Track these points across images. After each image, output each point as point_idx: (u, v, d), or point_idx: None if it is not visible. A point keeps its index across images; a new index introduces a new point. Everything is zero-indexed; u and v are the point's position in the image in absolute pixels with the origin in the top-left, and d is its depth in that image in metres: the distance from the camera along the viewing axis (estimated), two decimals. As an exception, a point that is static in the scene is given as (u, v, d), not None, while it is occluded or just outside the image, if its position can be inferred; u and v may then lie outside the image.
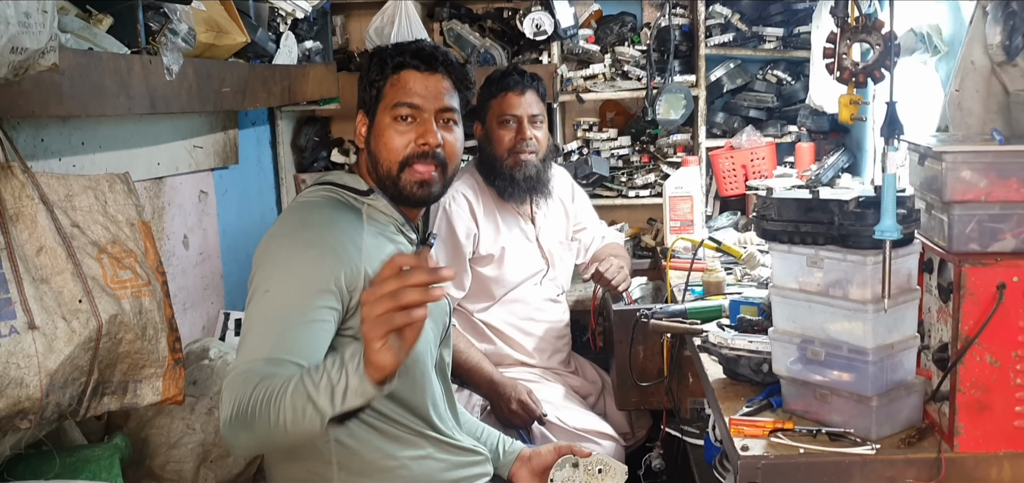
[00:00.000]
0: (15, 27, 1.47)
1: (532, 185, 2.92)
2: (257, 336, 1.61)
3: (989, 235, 1.68)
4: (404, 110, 1.86)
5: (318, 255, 1.69)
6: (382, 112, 1.88)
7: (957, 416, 1.68)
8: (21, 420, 1.61)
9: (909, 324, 1.78)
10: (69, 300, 1.66)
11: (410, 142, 1.86)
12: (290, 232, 1.76)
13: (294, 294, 1.65)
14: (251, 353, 1.58)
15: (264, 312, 1.64)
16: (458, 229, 2.86)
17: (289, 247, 1.72)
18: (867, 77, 1.90)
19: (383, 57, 1.91)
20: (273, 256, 1.72)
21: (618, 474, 2.01)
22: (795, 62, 3.78)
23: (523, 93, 2.89)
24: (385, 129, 1.87)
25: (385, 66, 1.90)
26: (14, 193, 1.66)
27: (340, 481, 1.82)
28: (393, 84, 1.88)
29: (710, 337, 2.14)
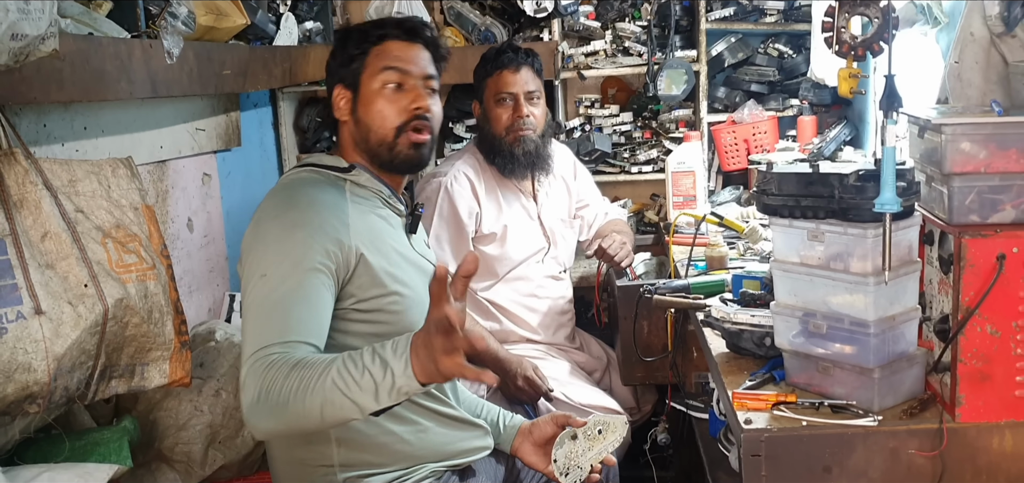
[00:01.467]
0: (15, 14, 1.48)
1: (532, 161, 2.93)
2: (263, 320, 1.62)
3: (989, 206, 1.68)
4: (393, 75, 1.88)
5: (307, 234, 1.70)
6: (368, 81, 1.89)
7: (958, 386, 1.69)
8: (30, 404, 1.63)
9: (910, 296, 1.79)
10: (75, 285, 1.67)
11: (403, 109, 1.87)
12: (277, 214, 1.76)
13: (291, 274, 1.66)
14: (261, 338, 1.59)
15: (265, 296, 1.65)
16: (461, 208, 2.86)
17: (278, 229, 1.72)
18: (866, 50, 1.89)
19: (364, 30, 1.93)
20: (264, 239, 1.72)
21: (618, 427, 2.01)
22: (796, 35, 3.77)
23: (518, 70, 2.89)
24: (375, 97, 1.88)
25: (367, 38, 1.91)
26: (18, 179, 1.67)
27: (340, 457, 1.84)
28: (377, 54, 1.89)
29: (713, 312, 2.14)
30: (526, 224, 3.01)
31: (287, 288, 1.65)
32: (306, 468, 1.85)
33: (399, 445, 1.87)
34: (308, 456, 1.85)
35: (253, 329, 1.62)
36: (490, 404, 2.20)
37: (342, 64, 1.93)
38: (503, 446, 2.12)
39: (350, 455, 1.84)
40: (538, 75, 2.95)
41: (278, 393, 1.51)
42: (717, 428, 2.49)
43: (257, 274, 1.67)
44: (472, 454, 2.01)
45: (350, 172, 1.88)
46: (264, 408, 1.52)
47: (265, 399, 1.51)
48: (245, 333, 1.64)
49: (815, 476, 1.72)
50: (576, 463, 1.98)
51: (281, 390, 1.51)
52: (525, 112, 2.88)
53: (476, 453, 2.02)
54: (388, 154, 1.89)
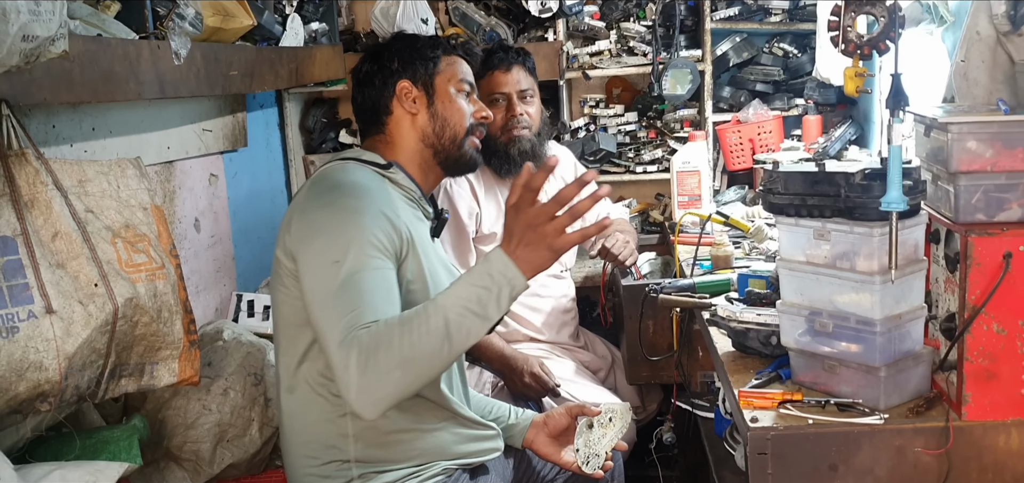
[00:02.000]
0: (26, 15, 1.49)
1: (528, 159, 2.93)
2: (344, 303, 1.67)
3: (995, 205, 1.69)
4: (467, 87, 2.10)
5: (370, 219, 1.77)
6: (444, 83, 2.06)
7: (965, 385, 1.70)
8: (41, 403, 1.63)
9: (916, 295, 1.79)
10: (85, 284, 1.68)
11: (471, 114, 2.08)
12: (331, 201, 1.81)
13: (363, 258, 1.72)
14: (349, 318, 1.64)
15: (342, 281, 1.69)
16: (461, 209, 2.87)
17: (337, 215, 1.77)
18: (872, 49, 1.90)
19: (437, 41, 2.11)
20: (323, 227, 1.77)
21: (625, 414, 2.13)
22: (801, 35, 3.77)
23: (509, 69, 2.90)
24: (454, 98, 2.06)
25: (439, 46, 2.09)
26: (28, 179, 1.68)
27: (357, 452, 1.86)
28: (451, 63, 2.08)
29: (719, 311, 2.15)
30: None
31: (360, 269, 1.71)
32: (322, 464, 1.88)
33: (415, 442, 1.90)
34: (324, 453, 1.87)
35: (336, 312, 1.66)
36: (499, 402, 2.22)
37: (417, 59, 2.04)
38: (514, 441, 2.15)
39: (367, 451, 1.86)
40: (531, 74, 2.96)
41: (398, 349, 1.59)
42: (722, 427, 2.50)
43: (328, 261, 1.72)
44: (483, 455, 2.04)
45: (388, 169, 1.96)
46: (382, 374, 1.58)
47: (382, 364, 1.58)
48: (326, 318, 1.68)
49: (821, 474, 1.73)
50: (594, 450, 2.06)
51: (400, 345, 1.59)
52: (519, 111, 2.88)
53: (487, 454, 2.05)
54: (454, 150, 2.04)
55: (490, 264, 1.66)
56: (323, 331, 1.69)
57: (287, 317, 1.88)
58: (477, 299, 1.64)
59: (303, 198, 1.87)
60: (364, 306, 1.66)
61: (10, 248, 1.62)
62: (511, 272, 1.64)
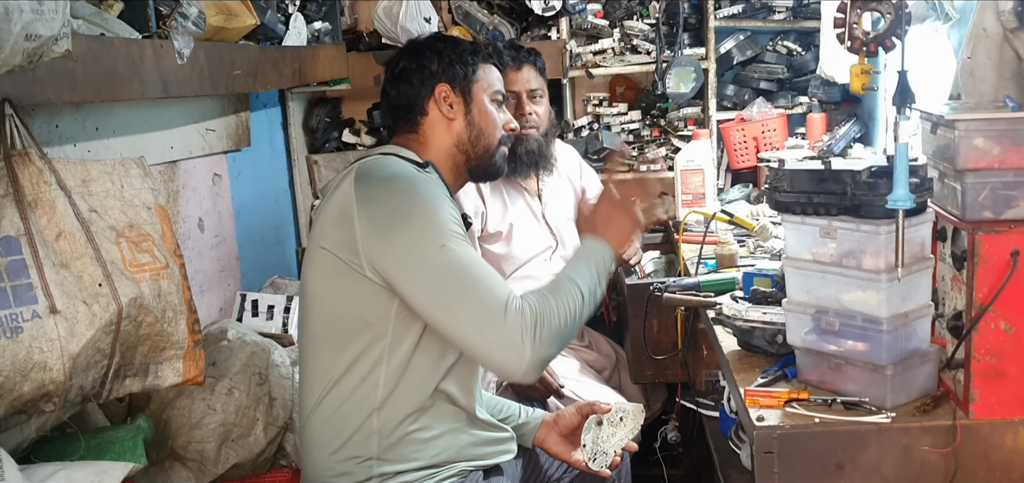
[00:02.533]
0: (29, 14, 1.48)
1: (534, 159, 2.94)
2: (483, 278, 1.78)
3: (1003, 202, 1.68)
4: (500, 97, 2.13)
5: (445, 205, 1.84)
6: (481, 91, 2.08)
7: (972, 383, 1.69)
8: (46, 403, 1.63)
9: (923, 293, 1.79)
10: (89, 284, 1.68)
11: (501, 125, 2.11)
12: (404, 189, 1.84)
13: (461, 242, 1.81)
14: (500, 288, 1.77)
15: (462, 262, 1.78)
16: (466, 206, 2.87)
17: (419, 205, 1.81)
18: (878, 46, 1.89)
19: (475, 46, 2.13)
20: (410, 214, 1.80)
21: (637, 415, 2.15)
22: (805, 32, 3.77)
23: (520, 68, 2.91)
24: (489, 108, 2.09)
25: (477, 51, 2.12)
26: (32, 179, 1.67)
27: (379, 450, 1.87)
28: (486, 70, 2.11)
29: (724, 309, 2.14)
30: (532, 223, 3.01)
31: (467, 251, 1.80)
32: (344, 460, 1.88)
33: (435, 442, 1.91)
34: (346, 448, 1.88)
35: (482, 287, 1.76)
36: (509, 401, 2.23)
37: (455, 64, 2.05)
38: (525, 441, 2.16)
39: (388, 450, 1.87)
40: (541, 74, 2.97)
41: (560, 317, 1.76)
42: (727, 426, 2.49)
43: (436, 246, 1.77)
44: (498, 456, 2.05)
45: (424, 169, 1.96)
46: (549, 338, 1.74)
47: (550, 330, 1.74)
48: (467, 294, 1.75)
49: (828, 473, 1.72)
50: (602, 449, 2.07)
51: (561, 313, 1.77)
52: (527, 110, 2.89)
53: (502, 455, 2.06)
54: (486, 158, 2.08)
55: (594, 249, 1.91)
56: (463, 311, 1.75)
57: (342, 314, 1.87)
58: (597, 279, 1.87)
59: (362, 191, 1.84)
60: (493, 282, 1.77)
61: (14, 248, 1.61)
62: (609, 254, 1.92)
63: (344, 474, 1.89)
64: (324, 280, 1.88)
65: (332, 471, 1.90)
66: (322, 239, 1.87)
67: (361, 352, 1.86)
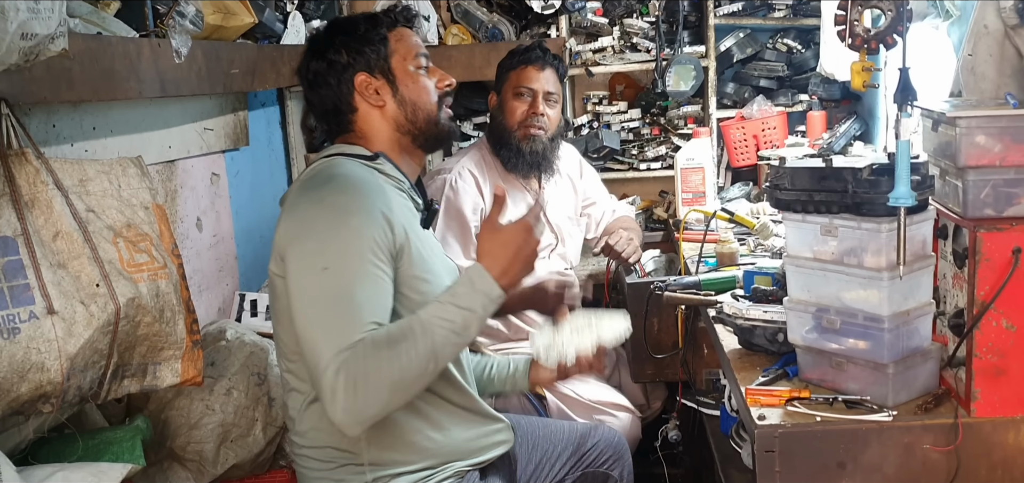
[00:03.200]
0: (24, 13, 1.48)
1: (537, 161, 2.95)
2: (337, 315, 1.63)
3: (1004, 200, 1.67)
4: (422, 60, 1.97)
5: (361, 220, 1.70)
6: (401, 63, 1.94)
7: (974, 381, 1.69)
8: (43, 404, 1.62)
9: (924, 291, 1.78)
10: (87, 284, 1.67)
11: (433, 87, 1.97)
12: (322, 199, 1.74)
13: (353, 262, 1.67)
14: (341, 334, 1.60)
15: (330, 291, 1.65)
16: (465, 204, 2.87)
17: (329, 215, 1.71)
18: (879, 44, 1.89)
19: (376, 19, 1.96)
20: (313, 229, 1.70)
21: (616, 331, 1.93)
22: (805, 30, 3.76)
23: (542, 69, 2.94)
24: (416, 77, 1.95)
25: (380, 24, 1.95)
26: (29, 179, 1.67)
27: (370, 455, 1.83)
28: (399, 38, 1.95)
29: (725, 308, 2.14)
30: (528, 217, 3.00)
31: (351, 277, 1.66)
32: (335, 468, 1.85)
33: (426, 443, 1.87)
34: (338, 456, 1.85)
35: (328, 325, 1.62)
36: (497, 357, 2.21)
37: (363, 50, 1.92)
38: (522, 386, 2.16)
39: (380, 454, 1.84)
40: (560, 80, 2.99)
41: (388, 372, 1.58)
42: (728, 425, 2.49)
43: (317, 266, 1.66)
44: (494, 449, 2.01)
45: (375, 161, 1.90)
46: (371, 396, 1.57)
47: (372, 387, 1.57)
48: (317, 327, 1.63)
49: (829, 471, 1.72)
50: (558, 349, 1.91)
51: (389, 369, 1.58)
52: (540, 110, 2.91)
53: (498, 447, 2.02)
54: (434, 128, 1.96)
55: (474, 283, 1.69)
56: (310, 343, 1.64)
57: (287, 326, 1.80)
58: (463, 323, 1.67)
59: (292, 198, 1.81)
60: (355, 321, 1.62)
61: (11, 248, 1.60)
62: (495, 292, 1.70)
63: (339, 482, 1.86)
64: (278, 301, 1.82)
65: (326, 478, 1.87)
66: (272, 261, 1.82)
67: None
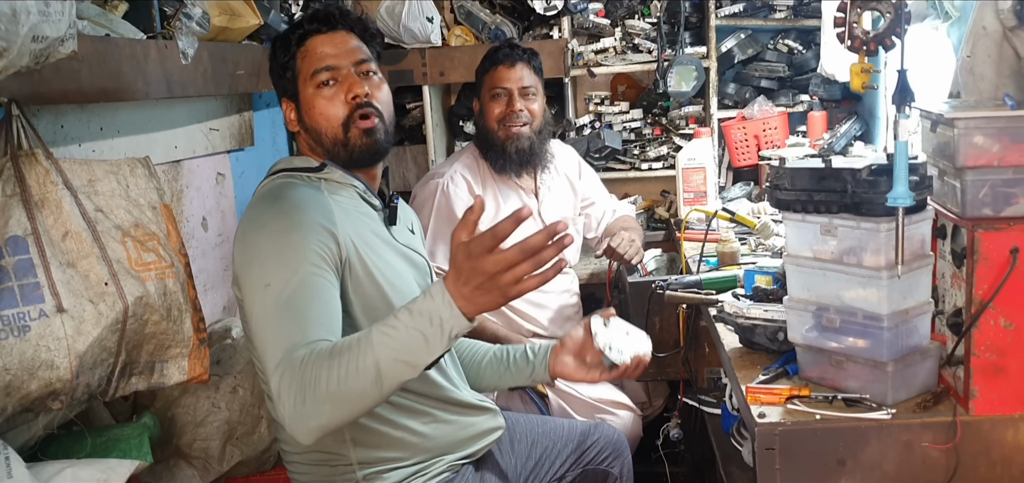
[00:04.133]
0: (36, 16, 1.50)
1: (524, 158, 2.94)
2: (279, 327, 1.58)
3: (1002, 200, 1.69)
4: (324, 74, 1.86)
5: (301, 236, 1.67)
6: (304, 87, 1.87)
7: (972, 380, 1.70)
8: (53, 401, 1.64)
9: (923, 290, 1.80)
10: (95, 283, 1.69)
11: (342, 102, 1.85)
12: (264, 223, 1.72)
13: (294, 275, 1.63)
14: (283, 343, 1.55)
15: (273, 302, 1.61)
16: (457, 209, 2.86)
17: (270, 237, 1.68)
18: (878, 45, 1.90)
19: (286, 37, 1.92)
20: (257, 252, 1.68)
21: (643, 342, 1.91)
22: (806, 31, 3.77)
23: (513, 65, 2.92)
24: (314, 101, 1.86)
25: (289, 43, 1.90)
26: (39, 179, 1.69)
27: (357, 455, 1.82)
28: (304, 56, 1.88)
29: (726, 307, 2.15)
30: (527, 222, 3.00)
31: (293, 289, 1.61)
32: (325, 469, 1.85)
33: (413, 439, 1.86)
34: (326, 459, 1.84)
35: (271, 337, 1.58)
36: (512, 345, 2.13)
37: (279, 77, 1.92)
38: (542, 376, 2.01)
39: (366, 454, 1.83)
40: (537, 72, 2.96)
41: (326, 383, 1.47)
42: (729, 423, 2.50)
43: (260, 286, 1.63)
44: (486, 436, 1.99)
45: (323, 170, 1.86)
46: (312, 406, 1.48)
47: (312, 396, 1.48)
48: (263, 343, 1.60)
49: (829, 469, 1.73)
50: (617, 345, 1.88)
51: (328, 380, 1.47)
52: (518, 107, 2.89)
53: (489, 435, 2.00)
54: (345, 152, 1.86)
55: (433, 304, 1.48)
56: (260, 357, 1.63)
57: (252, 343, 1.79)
58: (411, 347, 1.49)
59: (242, 221, 1.77)
60: (299, 328, 1.57)
61: (21, 247, 1.63)
62: (455, 318, 1.48)
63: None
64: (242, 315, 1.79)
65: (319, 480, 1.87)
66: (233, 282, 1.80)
67: None
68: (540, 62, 2.99)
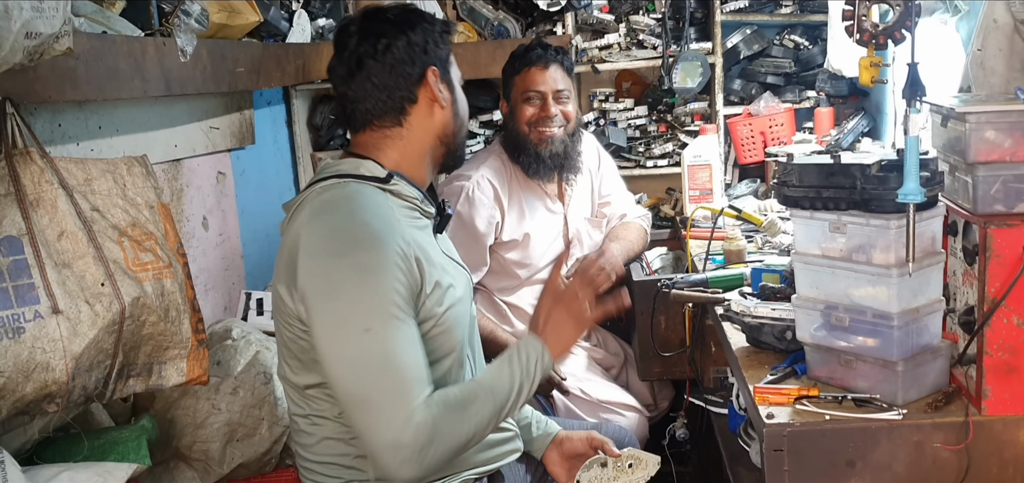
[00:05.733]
0: (29, 12, 1.47)
1: (559, 162, 2.88)
2: (392, 379, 1.62)
3: (1014, 195, 1.66)
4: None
5: (390, 276, 1.65)
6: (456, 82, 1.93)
7: (984, 379, 1.67)
8: (48, 404, 1.62)
9: (934, 288, 1.77)
10: (91, 284, 1.67)
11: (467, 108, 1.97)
12: (347, 253, 1.66)
13: (390, 324, 1.64)
14: (401, 399, 1.61)
15: (378, 353, 1.62)
16: (480, 215, 2.82)
17: (355, 276, 1.65)
18: (887, 38, 1.87)
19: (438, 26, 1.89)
20: (341, 290, 1.64)
21: (649, 464, 2.01)
22: (812, 26, 3.74)
23: (547, 68, 2.86)
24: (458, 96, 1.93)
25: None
26: (34, 178, 1.66)
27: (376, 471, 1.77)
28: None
29: (732, 306, 2.13)
30: (550, 230, 2.97)
31: (392, 339, 1.63)
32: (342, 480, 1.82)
33: None
34: (343, 473, 1.81)
35: (381, 395, 1.61)
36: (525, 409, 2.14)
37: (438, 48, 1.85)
38: (535, 452, 2.10)
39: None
40: (568, 73, 2.92)
41: (455, 437, 1.66)
42: (736, 423, 2.48)
43: (359, 329, 1.62)
44: (503, 459, 1.98)
45: (390, 181, 1.79)
46: (435, 457, 1.62)
47: (442, 447, 1.63)
48: (373, 391, 1.61)
49: (838, 470, 1.71)
50: None
51: (457, 434, 1.66)
52: (553, 111, 2.84)
53: (506, 457, 1.99)
54: (461, 152, 1.96)
55: (529, 354, 1.75)
56: (364, 405, 1.62)
57: (293, 351, 1.77)
58: (519, 389, 1.74)
59: (309, 238, 1.69)
60: (407, 384, 1.62)
61: (15, 248, 1.60)
62: (547, 360, 1.77)
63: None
64: (284, 328, 1.77)
65: None
66: (279, 283, 1.75)
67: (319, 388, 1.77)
68: (571, 62, 2.95)
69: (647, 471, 2.00)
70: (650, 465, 2.01)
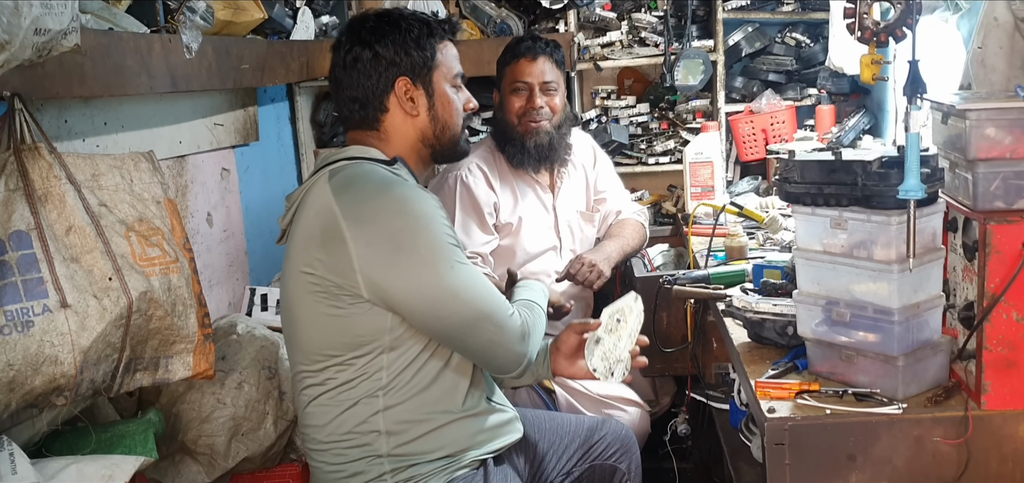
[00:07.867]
0: (38, 9, 1.49)
1: (544, 153, 2.91)
2: (493, 292, 1.86)
3: (1014, 192, 1.67)
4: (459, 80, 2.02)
5: (444, 222, 1.82)
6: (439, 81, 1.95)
7: (984, 374, 1.68)
8: (57, 397, 1.64)
9: (934, 283, 1.78)
10: (99, 278, 1.68)
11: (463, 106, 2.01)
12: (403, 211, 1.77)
13: (463, 255, 1.84)
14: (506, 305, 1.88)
15: (474, 276, 1.83)
16: (480, 195, 2.85)
17: (418, 225, 1.77)
18: (888, 36, 1.88)
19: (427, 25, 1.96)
20: (417, 241, 1.76)
21: (634, 306, 2.06)
22: (814, 24, 3.75)
23: (535, 59, 2.89)
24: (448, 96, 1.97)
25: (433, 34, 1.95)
26: (42, 174, 1.68)
27: (389, 447, 1.83)
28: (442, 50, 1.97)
29: (734, 301, 2.14)
30: (541, 217, 2.99)
31: (471, 267, 1.84)
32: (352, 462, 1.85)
33: (445, 432, 1.87)
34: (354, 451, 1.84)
35: (494, 300, 1.85)
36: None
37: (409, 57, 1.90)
38: (544, 374, 2.13)
39: (399, 446, 1.84)
40: (558, 66, 2.93)
41: (538, 329, 1.97)
42: (738, 418, 2.49)
43: (447, 266, 1.77)
44: (507, 437, 2.01)
45: (393, 165, 1.89)
46: (534, 344, 1.92)
47: (535, 338, 1.93)
48: (486, 305, 1.82)
49: (839, 464, 1.72)
50: (616, 358, 2.03)
51: (538, 326, 1.97)
52: (538, 103, 2.87)
53: (510, 435, 2.02)
54: (454, 148, 2.01)
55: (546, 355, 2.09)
56: (486, 319, 1.82)
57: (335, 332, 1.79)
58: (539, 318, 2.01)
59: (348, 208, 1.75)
60: (499, 294, 1.88)
61: (24, 242, 1.62)
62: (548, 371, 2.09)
63: (356, 474, 1.85)
64: (312, 304, 1.79)
65: (343, 472, 1.86)
66: (304, 262, 1.78)
67: (360, 364, 1.81)
68: (562, 55, 2.96)
69: (635, 312, 2.05)
70: (634, 305, 2.06)
